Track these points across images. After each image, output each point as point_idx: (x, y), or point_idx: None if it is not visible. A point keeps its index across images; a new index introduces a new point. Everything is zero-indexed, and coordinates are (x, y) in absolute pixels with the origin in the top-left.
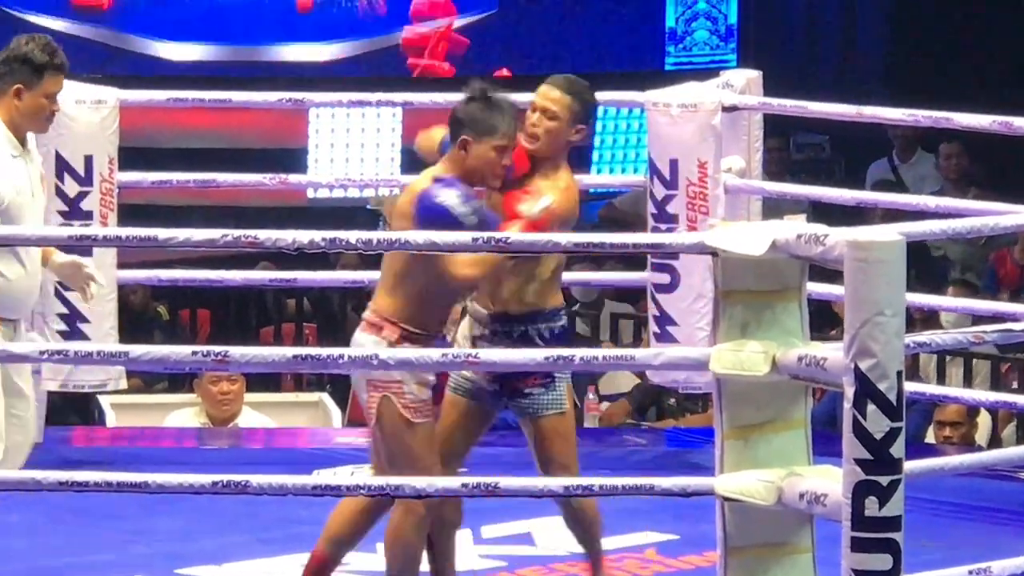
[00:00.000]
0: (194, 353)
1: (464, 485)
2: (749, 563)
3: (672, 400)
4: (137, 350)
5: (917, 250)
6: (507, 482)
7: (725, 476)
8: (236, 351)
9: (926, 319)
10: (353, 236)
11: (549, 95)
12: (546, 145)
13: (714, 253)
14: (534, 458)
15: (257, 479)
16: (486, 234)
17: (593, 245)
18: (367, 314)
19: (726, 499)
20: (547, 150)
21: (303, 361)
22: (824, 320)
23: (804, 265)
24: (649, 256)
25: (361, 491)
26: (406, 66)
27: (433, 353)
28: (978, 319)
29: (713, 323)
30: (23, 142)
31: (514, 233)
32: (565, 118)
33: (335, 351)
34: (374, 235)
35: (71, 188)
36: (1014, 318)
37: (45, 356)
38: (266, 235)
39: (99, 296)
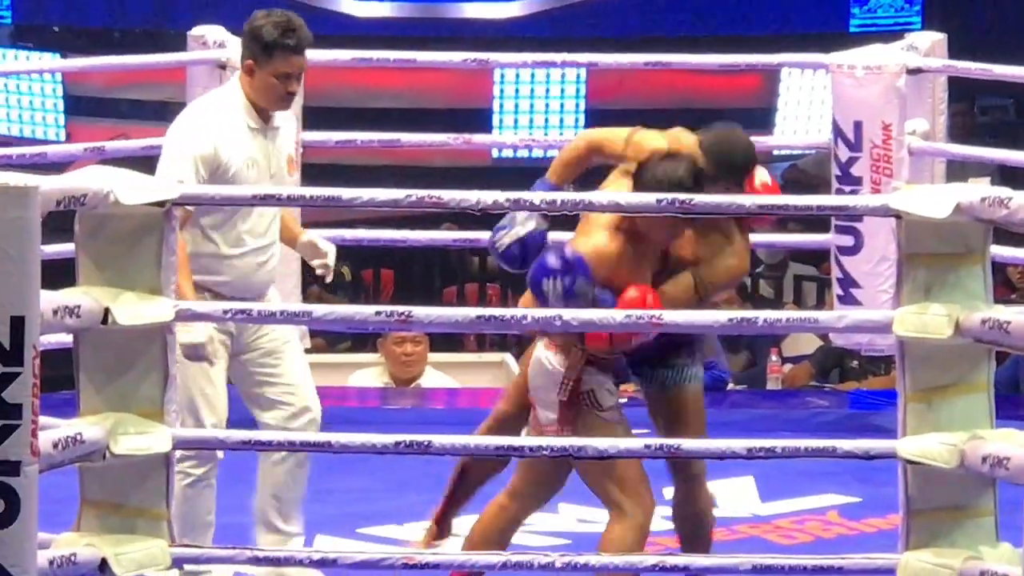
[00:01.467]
0: (378, 313)
1: (647, 446)
2: (931, 526)
3: (855, 362)
4: (320, 309)
5: None
6: (689, 444)
7: (907, 439)
8: (420, 311)
9: None
10: (537, 196)
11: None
12: None
13: (898, 216)
14: (658, 430)
15: (439, 439)
16: (670, 196)
17: (777, 207)
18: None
19: (908, 462)
20: None
21: (486, 321)
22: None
23: (988, 228)
24: (833, 218)
25: (544, 452)
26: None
27: (616, 315)
28: None
29: (897, 286)
30: (266, 117)
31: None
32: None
33: (518, 311)
34: (558, 195)
35: None
36: None
37: (228, 315)
38: (450, 195)
39: (283, 256)
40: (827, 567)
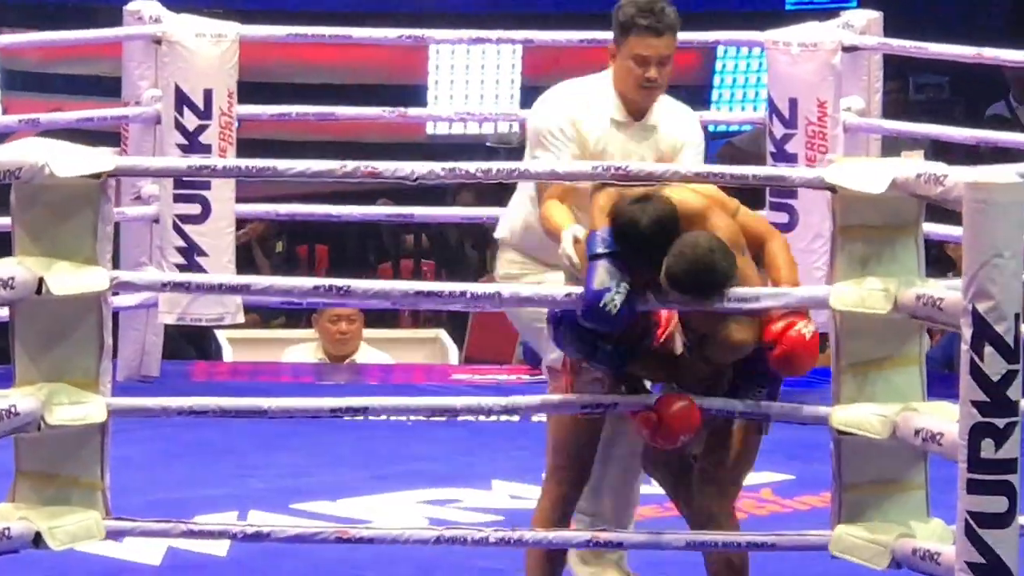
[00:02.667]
0: (316, 287)
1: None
2: (862, 500)
3: None
4: (260, 281)
5: None
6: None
7: (840, 408)
8: (358, 285)
9: None
10: (472, 166)
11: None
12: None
13: (832, 189)
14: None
15: (377, 400)
16: (605, 163)
17: (713, 176)
18: None
19: (840, 433)
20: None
21: (425, 296)
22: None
23: (922, 204)
24: (768, 195)
25: (482, 412)
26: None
27: (558, 291)
28: None
29: (831, 259)
30: (638, 112)
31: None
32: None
33: (456, 286)
34: (492, 165)
35: (190, 121)
36: None
37: (168, 287)
38: (385, 166)
39: (217, 230)
40: (760, 543)
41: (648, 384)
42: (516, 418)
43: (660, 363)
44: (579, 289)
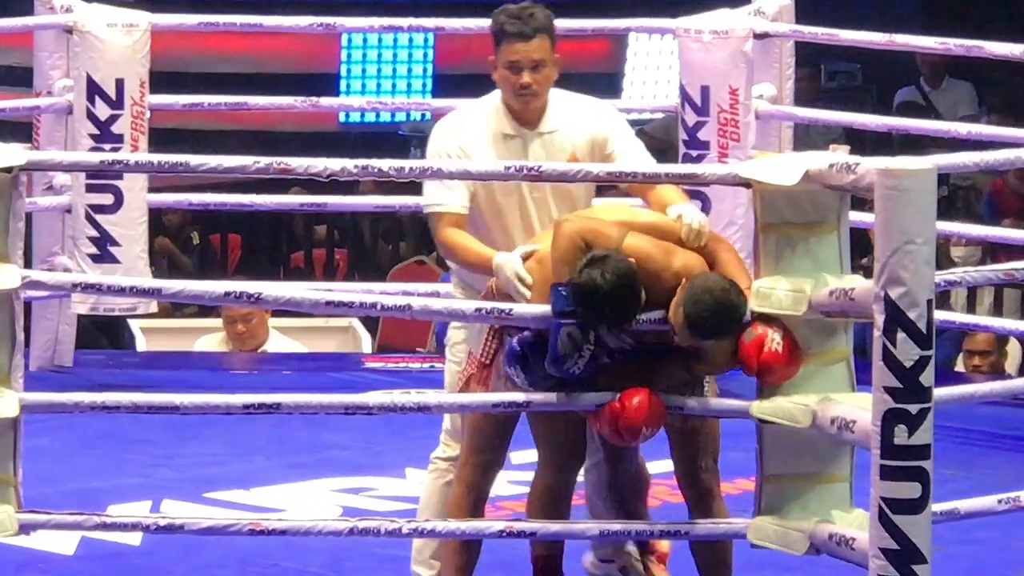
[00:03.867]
0: (227, 294)
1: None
2: (784, 490)
3: None
4: (170, 286)
5: None
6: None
7: (762, 400)
8: (270, 290)
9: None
10: (385, 164)
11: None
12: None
13: (747, 184)
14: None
15: (289, 397)
16: (518, 163)
17: (625, 174)
18: None
19: (761, 421)
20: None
21: (336, 307)
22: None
23: (844, 196)
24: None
25: (397, 409)
26: None
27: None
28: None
29: (754, 257)
30: (529, 121)
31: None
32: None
33: (368, 296)
34: (406, 163)
35: (102, 111)
36: None
37: (79, 288)
38: (298, 162)
39: (130, 220)
40: (675, 531)
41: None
42: None
43: (636, 372)
44: (486, 304)
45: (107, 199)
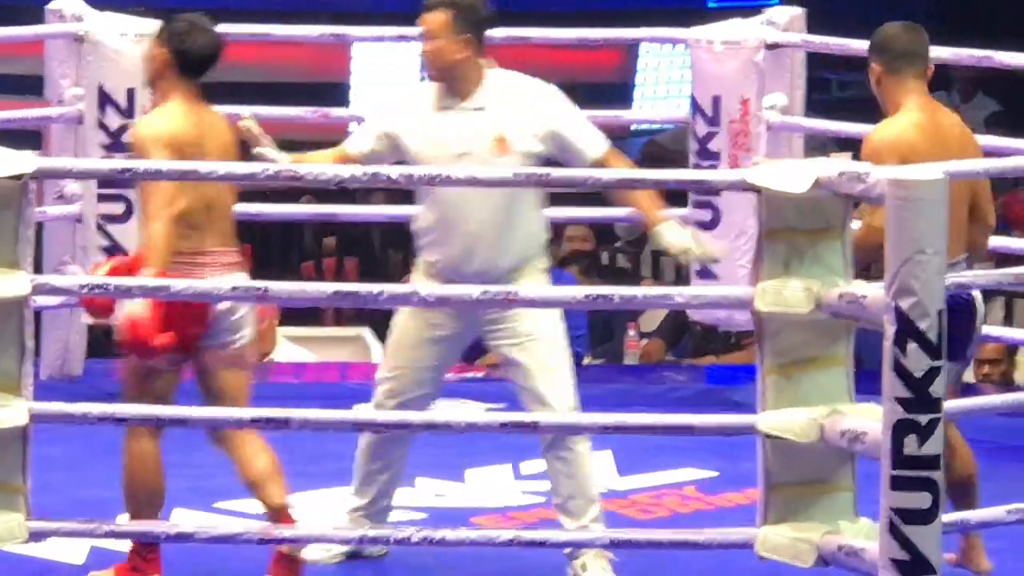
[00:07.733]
0: (235, 288)
1: (503, 424)
2: (789, 500)
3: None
4: (178, 285)
5: None
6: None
7: (767, 413)
8: (277, 286)
9: None
10: (395, 171)
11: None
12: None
13: (756, 190)
14: None
15: (298, 413)
16: (529, 170)
17: (634, 181)
18: None
19: (768, 436)
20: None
21: (343, 297)
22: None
23: (848, 203)
24: (690, 193)
25: (412, 428)
26: None
27: (473, 291)
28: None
29: (755, 261)
30: (464, 94)
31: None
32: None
33: (375, 287)
34: (415, 170)
35: (113, 121)
36: None
37: (86, 290)
38: (307, 169)
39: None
40: (684, 541)
41: None
42: None
43: None
44: (492, 288)
45: (118, 209)
